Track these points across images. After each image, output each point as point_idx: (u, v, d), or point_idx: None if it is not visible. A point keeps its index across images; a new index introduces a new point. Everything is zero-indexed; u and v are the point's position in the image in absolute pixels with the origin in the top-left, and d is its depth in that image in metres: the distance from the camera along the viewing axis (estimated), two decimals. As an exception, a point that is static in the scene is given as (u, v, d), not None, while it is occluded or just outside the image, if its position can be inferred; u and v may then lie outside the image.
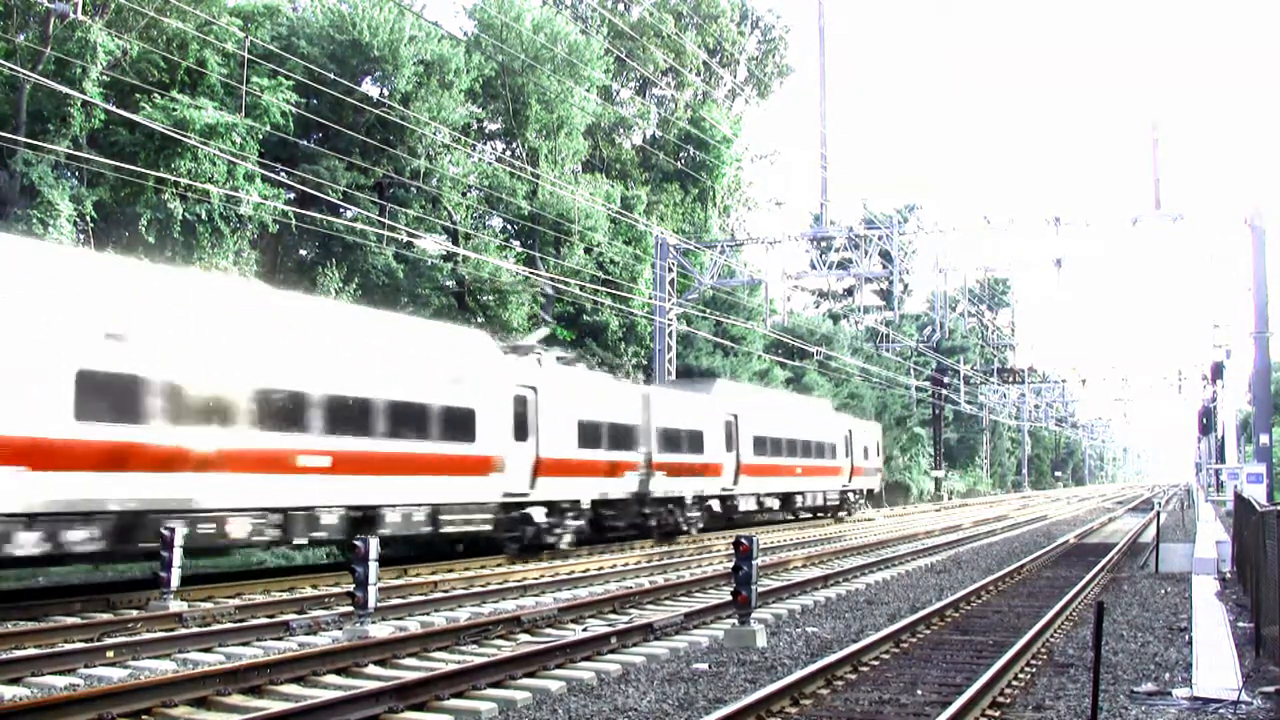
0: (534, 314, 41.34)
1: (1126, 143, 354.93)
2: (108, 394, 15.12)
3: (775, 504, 37.92)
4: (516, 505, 23.46)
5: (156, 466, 15.74)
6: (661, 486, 29.20)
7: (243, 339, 17.41)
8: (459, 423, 21.49)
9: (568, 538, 25.41)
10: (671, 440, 29.85)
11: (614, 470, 27.12)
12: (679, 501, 30.55)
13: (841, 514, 45.42)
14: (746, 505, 35.36)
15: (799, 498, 39.79)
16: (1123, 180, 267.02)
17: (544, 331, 29.26)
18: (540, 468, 23.93)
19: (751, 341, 51.78)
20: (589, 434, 26.00)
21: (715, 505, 33.01)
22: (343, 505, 18.71)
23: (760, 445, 35.61)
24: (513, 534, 23.54)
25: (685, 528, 31.07)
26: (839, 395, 63.31)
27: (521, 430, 23.47)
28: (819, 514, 43.79)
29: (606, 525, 27.22)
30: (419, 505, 20.43)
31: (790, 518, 41.81)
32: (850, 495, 45.76)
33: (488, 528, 22.62)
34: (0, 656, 11.58)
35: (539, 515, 24.08)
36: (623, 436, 27.58)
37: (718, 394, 34.34)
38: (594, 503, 26.36)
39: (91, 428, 14.85)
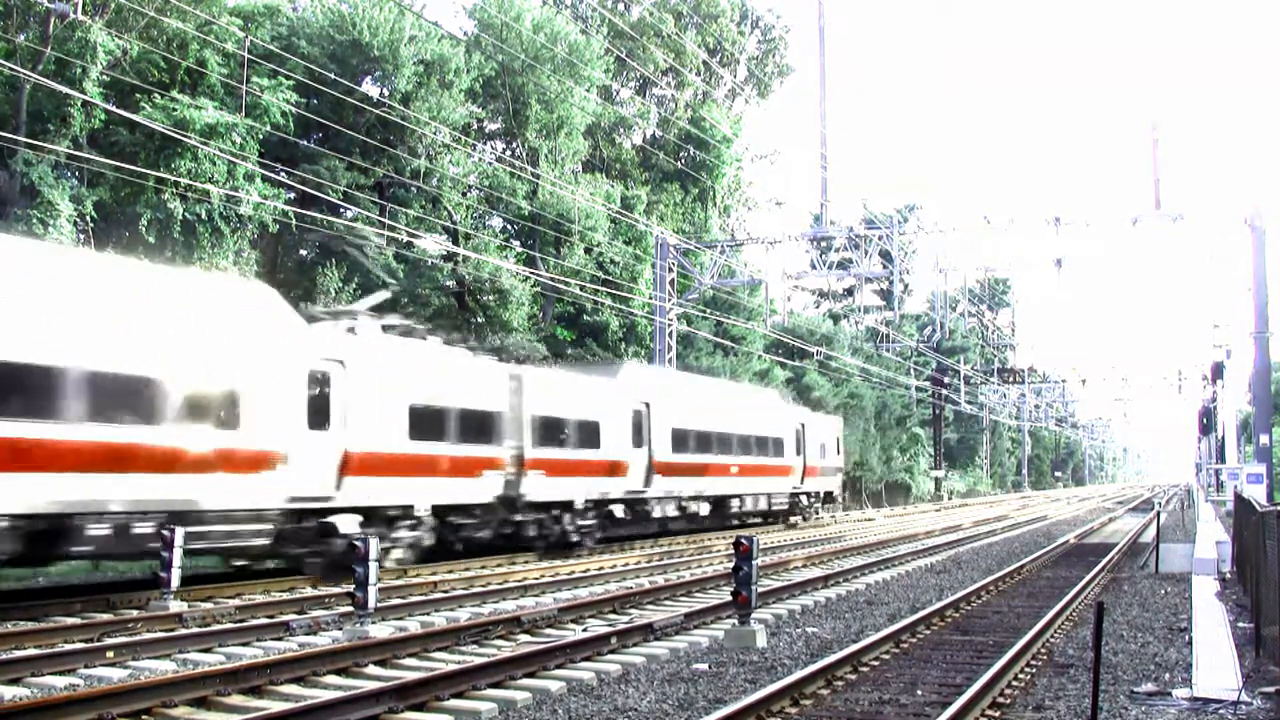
0: (534, 314, 41.37)
1: (1126, 143, 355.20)
2: None
3: (703, 509, 32.38)
4: (313, 513, 18.53)
5: None
6: (539, 489, 24.28)
7: None
8: (215, 405, 16.71)
9: (399, 553, 20.59)
10: (554, 432, 25.01)
11: (467, 469, 22.10)
12: (567, 507, 25.45)
13: (794, 519, 40.00)
14: (663, 510, 30.02)
15: (735, 501, 34.41)
16: (1123, 180, 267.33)
17: (382, 295, 24.07)
18: (349, 465, 19.00)
19: (752, 341, 51.81)
20: (428, 423, 21.04)
21: (618, 511, 27.82)
22: (6, 514, 14.05)
23: (681, 440, 30.65)
24: (312, 550, 18.71)
25: (575, 539, 25.91)
26: (839, 395, 63.39)
27: (320, 416, 18.54)
28: (769, 520, 38.58)
29: (462, 537, 22.46)
30: (146, 513, 15.62)
31: (735, 523, 36.14)
32: (803, 498, 40.12)
33: (263, 541, 17.59)
34: (0, 656, 11.59)
35: (348, 525, 18.98)
36: (481, 427, 22.58)
37: (625, 378, 29.26)
38: (437, 509, 21.36)
39: None
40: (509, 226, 43.86)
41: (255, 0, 33.92)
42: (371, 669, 11.79)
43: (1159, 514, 32.62)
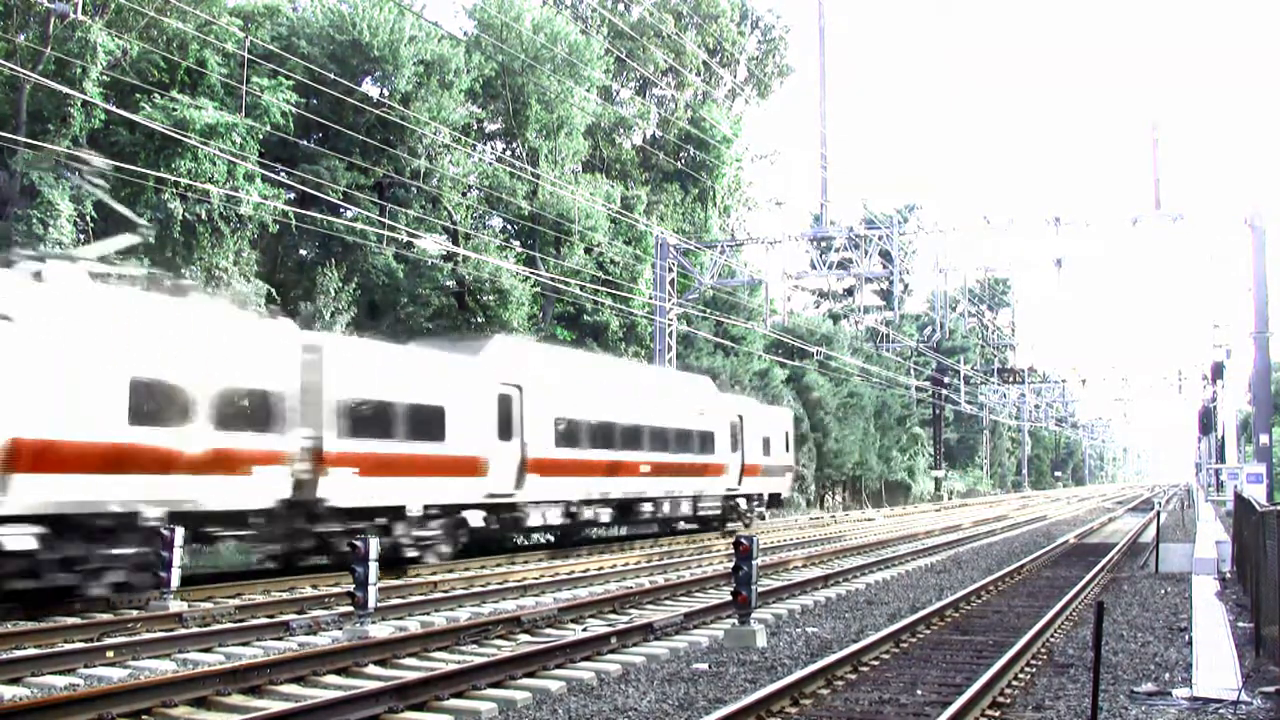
0: (534, 314, 41.37)
1: (1126, 143, 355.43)
2: None
3: (603, 515, 27.52)
4: None
5: None
6: (349, 492, 19.35)
7: None
8: None
9: (114, 576, 15.52)
10: (372, 420, 20.01)
11: (227, 465, 17.05)
12: (397, 514, 20.56)
13: (733, 525, 34.50)
14: (542, 517, 25.07)
15: (648, 506, 29.21)
16: (1123, 180, 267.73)
17: (125, 239, 18.38)
18: (20, 458, 14.09)
19: (752, 341, 51.84)
20: (161, 402, 16.06)
21: (475, 519, 22.83)
22: None
23: (569, 432, 25.68)
24: None
25: (412, 554, 21.08)
26: (839, 395, 63.42)
27: None
28: (709, 526, 33.76)
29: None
30: None
31: (654, 531, 31.78)
32: (741, 502, 34.69)
33: None
34: (0, 656, 11.59)
35: (19, 540, 14.16)
36: (254, 410, 17.59)
37: (490, 357, 24.14)
38: (182, 517, 16.28)
39: None
40: (509, 226, 43.86)
41: (255, 0, 33.93)
42: (371, 669, 11.79)
43: (1159, 514, 32.62)
